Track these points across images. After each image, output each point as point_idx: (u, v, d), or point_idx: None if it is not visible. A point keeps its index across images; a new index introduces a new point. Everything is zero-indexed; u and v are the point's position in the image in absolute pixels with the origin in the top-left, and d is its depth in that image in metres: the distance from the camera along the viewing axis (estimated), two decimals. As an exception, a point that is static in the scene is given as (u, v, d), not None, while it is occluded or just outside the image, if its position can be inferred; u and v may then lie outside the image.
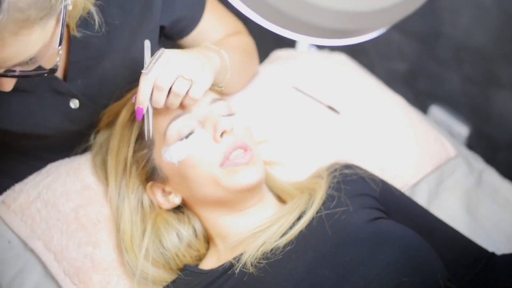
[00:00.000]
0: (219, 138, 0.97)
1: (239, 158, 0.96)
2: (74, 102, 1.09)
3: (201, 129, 0.98)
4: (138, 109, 0.94)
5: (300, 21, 0.54)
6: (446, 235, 1.04)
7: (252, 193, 0.99)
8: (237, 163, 0.96)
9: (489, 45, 1.54)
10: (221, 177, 0.96)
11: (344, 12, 0.54)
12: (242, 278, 0.92)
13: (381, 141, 1.29)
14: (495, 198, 1.27)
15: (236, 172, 0.96)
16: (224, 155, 0.96)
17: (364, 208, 1.02)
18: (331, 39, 0.59)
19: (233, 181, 0.95)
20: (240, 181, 0.96)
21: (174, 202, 1.03)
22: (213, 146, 0.97)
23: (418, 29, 1.68)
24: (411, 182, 1.27)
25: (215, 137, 0.97)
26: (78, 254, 1.08)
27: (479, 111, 1.68)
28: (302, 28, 0.56)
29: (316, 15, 0.54)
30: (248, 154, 0.97)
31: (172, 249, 1.02)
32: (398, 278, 0.88)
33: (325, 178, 1.06)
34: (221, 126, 0.96)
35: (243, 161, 0.96)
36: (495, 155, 1.68)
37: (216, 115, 1.00)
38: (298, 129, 1.29)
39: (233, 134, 0.98)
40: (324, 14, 0.54)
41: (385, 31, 0.61)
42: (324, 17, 0.54)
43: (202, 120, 0.99)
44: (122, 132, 1.05)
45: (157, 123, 1.00)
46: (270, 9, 0.54)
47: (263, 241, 0.95)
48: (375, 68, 1.81)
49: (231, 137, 0.98)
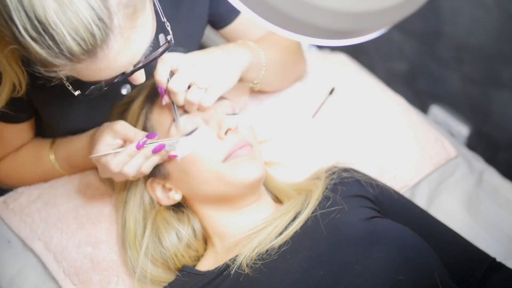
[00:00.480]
0: (223, 135, 0.97)
1: (241, 150, 0.97)
2: (127, 88, 1.09)
3: (205, 126, 0.99)
4: (160, 88, 0.96)
5: (300, 21, 0.54)
6: (446, 238, 1.04)
7: (252, 189, 1.00)
8: (239, 155, 0.97)
9: (490, 45, 1.54)
10: (224, 171, 0.96)
11: (344, 12, 0.54)
12: (237, 279, 0.92)
13: (381, 141, 1.29)
14: (496, 198, 1.27)
15: (239, 166, 0.96)
16: (228, 152, 0.97)
17: (359, 207, 1.02)
18: (332, 39, 0.59)
19: (236, 174, 0.96)
20: (242, 174, 0.96)
21: (174, 199, 1.03)
22: (217, 143, 0.98)
23: (419, 29, 1.67)
24: (411, 182, 1.26)
25: (219, 134, 0.98)
26: (78, 254, 1.08)
27: (479, 111, 1.67)
28: (302, 28, 0.55)
29: (317, 15, 0.54)
30: (249, 148, 0.98)
31: (171, 248, 1.02)
32: (394, 276, 0.88)
33: (322, 179, 1.07)
34: (226, 123, 0.97)
35: (244, 153, 0.97)
36: (495, 154, 1.67)
37: (220, 113, 1.01)
38: (298, 129, 1.29)
39: (237, 133, 0.99)
40: (325, 14, 0.54)
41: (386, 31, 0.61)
42: (325, 17, 0.54)
43: (207, 118, 1.00)
44: (132, 116, 1.04)
45: (161, 119, 1.00)
46: (270, 9, 0.54)
47: (258, 242, 0.95)
48: (375, 67, 1.81)
49: (235, 136, 0.98)
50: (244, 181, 0.97)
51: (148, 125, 1.02)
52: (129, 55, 0.80)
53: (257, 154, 1.00)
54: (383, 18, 0.56)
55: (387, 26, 0.59)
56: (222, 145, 0.97)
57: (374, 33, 0.60)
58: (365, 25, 0.56)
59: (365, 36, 0.60)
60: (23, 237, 1.12)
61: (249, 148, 0.98)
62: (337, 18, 0.53)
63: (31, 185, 1.19)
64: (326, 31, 0.55)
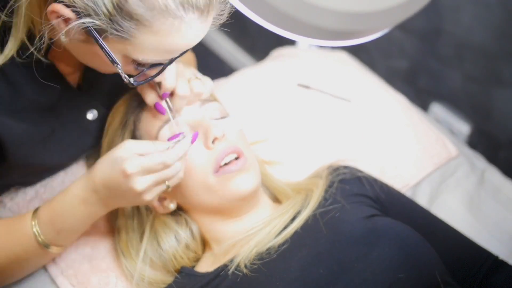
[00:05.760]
0: (211, 145, 0.95)
1: (231, 165, 0.95)
2: (93, 113, 1.06)
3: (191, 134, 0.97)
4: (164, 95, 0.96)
5: (301, 22, 0.53)
6: (448, 236, 1.04)
7: (248, 200, 0.98)
8: (231, 170, 0.94)
9: (491, 42, 1.54)
10: (215, 185, 0.95)
11: (346, 13, 0.53)
12: (235, 279, 0.91)
13: (382, 140, 1.29)
14: (498, 197, 1.26)
15: (231, 180, 0.94)
16: (216, 161, 0.95)
17: (359, 206, 1.01)
18: (333, 40, 0.58)
19: (228, 189, 0.95)
20: (235, 188, 0.95)
21: (169, 208, 1.02)
22: (205, 153, 0.96)
23: (419, 27, 1.67)
24: (412, 182, 1.26)
25: (206, 144, 0.95)
26: (77, 255, 1.07)
27: (480, 109, 1.67)
28: (303, 29, 0.55)
29: (318, 16, 0.53)
30: (241, 160, 0.96)
31: (170, 250, 1.02)
32: (394, 274, 0.87)
33: (323, 178, 1.06)
34: (212, 133, 0.95)
35: (235, 168, 0.95)
36: (496, 153, 1.67)
37: (208, 118, 0.99)
38: (299, 128, 1.28)
39: (225, 140, 0.97)
40: (326, 15, 0.53)
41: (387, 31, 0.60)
42: (326, 18, 0.53)
43: (194, 124, 0.98)
44: (113, 137, 1.03)
45: (148, 126, 0.99)
46: (271, 10, 0.53)
47: (256, 243, 0.94)
48: (376, 65, 1.80)
49: (222, 143, 0.96)
50: (238, 195, 0.95)
51: (138, 134, 1.00)
52: (200, 34, 0.82)
53: (249, 163, 0.97)
54: (385, 19, 0.55)
55: (389, 27, 0.58)
56: (210, 155, 0.95)
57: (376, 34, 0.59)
58: (367, 26, 0.55)
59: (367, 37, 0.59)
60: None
61: (241, 160, 0.96)
62: (339, 19, 0.53)
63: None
64: (328, 32, 0.54)
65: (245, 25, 1.89)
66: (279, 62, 1.41)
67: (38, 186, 1.15)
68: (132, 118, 1.01)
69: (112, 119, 1.04)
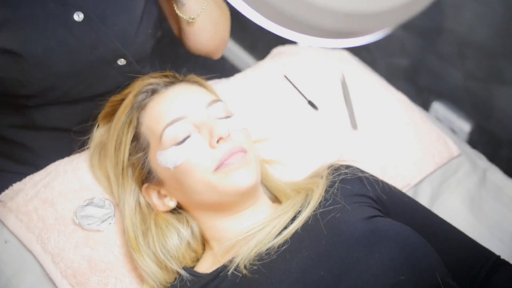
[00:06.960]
0: (215, 144, 0.95)
1: (232, 158, 0.95)
2: (78, 15, 1.06)
3: (197, 134, 0.97)
4: None
5: (302, 22, 0.53)
6: (450, 236, 1.03)
7: (247, 196, 0.98)
8: (230, 163, 0.94)
9: (492, 41, 1.53)
10: (216, 181, 0.94)
11: (348, 13, 0.52)
12: (235, 280, 0.91)
13: (383, 140, 1.28)
14: (499, 196, 1.26)
15: (231, 174, 0.94)
16: (220, 161, 0.95)
17: (360, 206, 1.00)
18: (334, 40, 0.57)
19: (228, 183, 0.94)
20: (235, 182, 0.94)
21: (169, 206, 1.02)
22: (209, 152, 0.96)
23: (421, 25, 1.66)
24: (413, 181, 1.25)
25: (211, 143, 0.95)
26: (76, 255, 1.07)
27: (481, 107, 1.66)
28: (304, 29, 0.54)
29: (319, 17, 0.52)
30: (243, 155, 0.96)
31: (173, 247, 1.02)
32: (395, 276, 0.86)
33: (324, 177, 1.05)
34: (217, 132, 0.95)
35: (236, 160, 0.95)
36: (497, 151, 1.67)
37: (213, 118, 0.99)
38: (299, 127, 1.28)
39: (230, 140, 0.97)
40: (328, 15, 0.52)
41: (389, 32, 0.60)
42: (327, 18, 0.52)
43: (199, 124, 0.98)
44: (118, 134, 1.04)
45: (152, 126, 0.99)
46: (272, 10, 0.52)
47: (255, 243, 0.94)
48: (377, 64, 1.79)
49: (227, 144, 0.96)
50: (238, 189, 0.95)
51: (142, 130, 1.02)
52: None
53: (250, 159, 0.97)
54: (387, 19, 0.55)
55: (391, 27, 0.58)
56: (214, 154, 0.95)
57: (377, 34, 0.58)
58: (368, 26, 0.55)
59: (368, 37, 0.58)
60: (20, 237, 1.11)
61: (242, 154, 0.96)
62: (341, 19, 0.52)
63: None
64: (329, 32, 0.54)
65: (245, 23, 1.88)
66: (280, 60, 1.40)
67: (39, 186, 1.15)
68: (135, 115, 1.02)
69: (117, 116, 1.06)
